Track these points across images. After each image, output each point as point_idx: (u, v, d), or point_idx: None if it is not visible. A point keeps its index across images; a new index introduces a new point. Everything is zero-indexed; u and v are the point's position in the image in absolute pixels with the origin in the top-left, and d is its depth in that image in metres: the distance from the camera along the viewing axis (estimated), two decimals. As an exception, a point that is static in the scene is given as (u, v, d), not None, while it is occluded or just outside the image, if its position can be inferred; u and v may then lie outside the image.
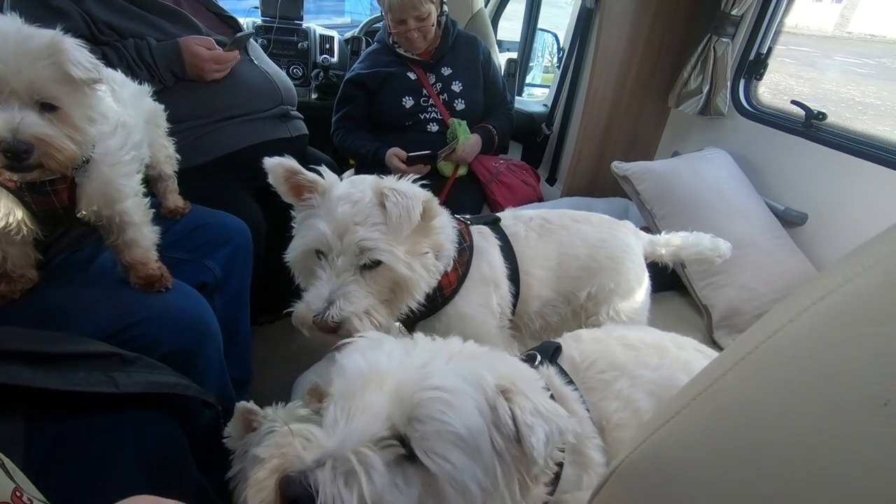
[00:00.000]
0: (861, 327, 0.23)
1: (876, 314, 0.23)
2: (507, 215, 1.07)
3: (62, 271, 1.03)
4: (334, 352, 0.70)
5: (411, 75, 1.99)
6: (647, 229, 1.22)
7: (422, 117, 1.99)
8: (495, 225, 1.03)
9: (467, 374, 0.50)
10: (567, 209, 1.11)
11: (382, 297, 0.84)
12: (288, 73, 2.34)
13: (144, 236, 0.99)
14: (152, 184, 1.27)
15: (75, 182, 0.87)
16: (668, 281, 1.60)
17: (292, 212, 0.96)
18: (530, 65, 2.99)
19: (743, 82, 1.80)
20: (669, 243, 1.15)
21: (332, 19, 3.20)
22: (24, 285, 0.94)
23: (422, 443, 0.46)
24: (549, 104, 2.41)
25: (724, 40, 1.71)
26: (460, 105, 2.01)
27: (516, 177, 2.06)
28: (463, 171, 2.02)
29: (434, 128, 2.00)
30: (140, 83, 1.23)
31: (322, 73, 2.43)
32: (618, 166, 1.65)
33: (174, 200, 1.31)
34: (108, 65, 1.33)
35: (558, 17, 2.79)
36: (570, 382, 0.74)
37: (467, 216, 1.04)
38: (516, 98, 2.58)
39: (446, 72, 2.02)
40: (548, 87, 2.84)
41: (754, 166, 1.71)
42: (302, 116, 1.84)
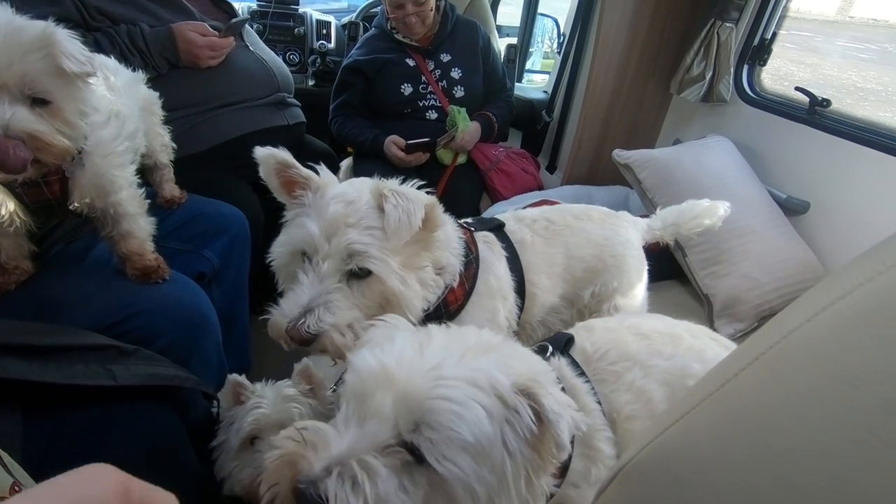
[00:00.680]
0: (885, 328, 0.22)
1: (900, 315, 0.22)
2: (509, 218, 1.02)
3: (58, 262, 1.02)
4: None
5: (410, 62, 1.96)
6: (647, 217, 1.20)
7: (420, 105, 1.96)
8: (500, 231, 0.97)
9: (479, 377, 0.50)
10: (567, 204, 1.10)
11: (369, 313, 0.73)
12: (284, 60, 2.31)
13: (140, 227, 0.98)
14: (148, 173, 1.25)
15: (66, 174, 0.85)
16: (668, 270, 1.59)
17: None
18: (530, 50, 2.95)
19: (746, 68, 1.77)
20: (666, 221, 1.13)
21: (329, 4, 3.14)
22: (19, 277, 0.93)
23: (432, 449, 0.47)
24: (550, 91, 2.38)
25: (727, 25, 1.68)
26: (459, 92, 1.99)
27: (516, 165, 2.04)
28: (462, 159, 2.00)
29: (433, 115, 1.98)
30: (134, 70, 1.20)
31: (319, 60, 2.40)
32: (619, 154, 1.63)
33: (170, 190, 1.29)
34: (101, 52, 1.30)
35: (558, 2, 2.74)
36: (582, 374, 0.73)
37: (470, 221, 0.99)
38: (516, 84, 2.55)
39: (445, 58, 1.99)
40: (548, 73, 2.80)
41: (756, 154, 1.69)
42: (299, 104, 1.82)
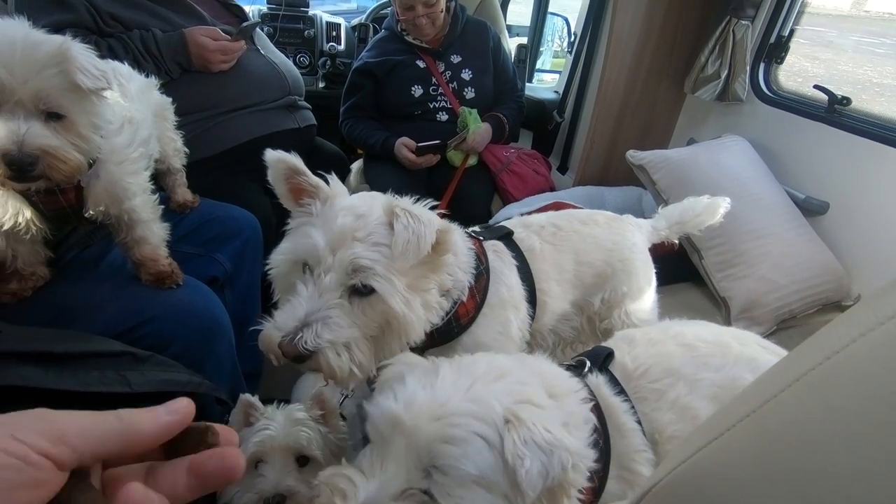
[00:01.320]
0: (942, 354, 0.21)
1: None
2: (516, 225, 1.00)
3: (73, 268, 1.02)
4: None
5: (420, 63, 1.95)
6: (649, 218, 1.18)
7: (431, 106, 1.96)
8: (508, 239, 0.95)
9: (482, 411, 0.53)
10: (572, 210, 1.08)
11: (368, 333, 0.69)
12: (294, 62, 2.31)
13: (153, 233, 0.98)
14: (161, 178, 1.26)
15: (81, 183, 0.85)
16: (684, 272, 1.56)
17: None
18: (541, 50, 2.93)
19: (763, 66, 1.74)
20: (670, 220, 1.11)
21: (339, 5, 3.15)
22: (36, 283, 0.94)
23: (442, 490, 0.51)
24: (561, 91, 2.36)
25: (743, 23, 1.65)
26: (470, 93, 1.98)
27: (527, 166, 2.02)
28: (473, 160, 1.99)
29: (443, 117, 1.97)
30: (146, 76, 1.21)
31: (329, 62, 2.40)
32: (633, 155, 1.61)
33: (183, 194, 1.30)
34: (115, 57, 1.31)
35: (569, 0, 2.72)
36: (620, 392, 0.71)
37: (478, 230, 0.97)
38: (527, 84, 2.53)
39: (455, 59, 1.98)
40: (558, 72, 2.78)
41: (774, 154, 1.66)
42: (309, 106, 1.82)
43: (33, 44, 0.72)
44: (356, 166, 2.11)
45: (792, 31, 1.67)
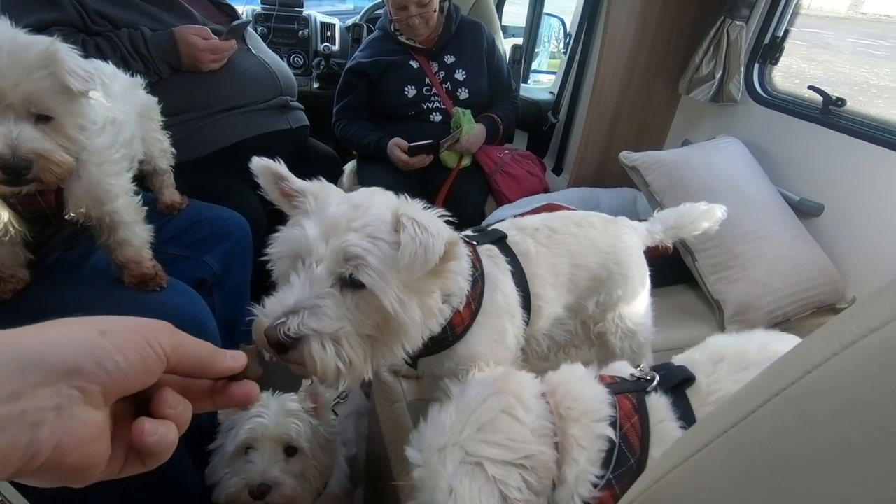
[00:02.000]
0: (925, 371, 0.20)
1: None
2: (510, 227, 0.97)
3: (55, 270, 1.01)
4: None
5: (413, 64, 1.94)
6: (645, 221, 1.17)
7: (424, 107, 1.94)
8: (502, 243, 0.92)
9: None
10: (567, 211, 1.06)
11: (362, 331, 0.65)
12: (288, 63, 2.30)
13: (136, 235, 0.96)
14: (148, 179, 1.24)
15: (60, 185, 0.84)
16: (678, 274, 1.55)
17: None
18: (536, 50, 2.92)
19: (757, 67, 1.73)
20: (666, 224, 1.10)
21: (334, 6, 3.13)
22: (15, 285, 0.92)
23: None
24: (556, 91, 2.35)
25: (737, 23, 1.64)
26: (464, 94, 1.96)
27: (522, 167, 2.00)
28: (467, 161, 1.97)
29: (437, 117, 1.95)
30: (134, 75, 1.19)
31: (323, 62, 2.38)
32: (626, 156, 1.60)
33: (171, 195, 1.28)
34: (102, 56, 1.30)
35: (565, 1, 2.71)
36: (684, 417, 0.68)
37: (471, 233, 0.94)
38: (522, 85, 2.52)
39: (449, 60, 1.96)
40: (554, 73, 2.76)
41: (768, 155, 1.64)
42: (302, 107, 1.80)
43: (21, 46, 0.72)
44: (349, 167, 2.09)
45: (787, 32, 1.66)
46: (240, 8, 2.26)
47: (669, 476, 0.30)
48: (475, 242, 0.90)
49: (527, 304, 0.90)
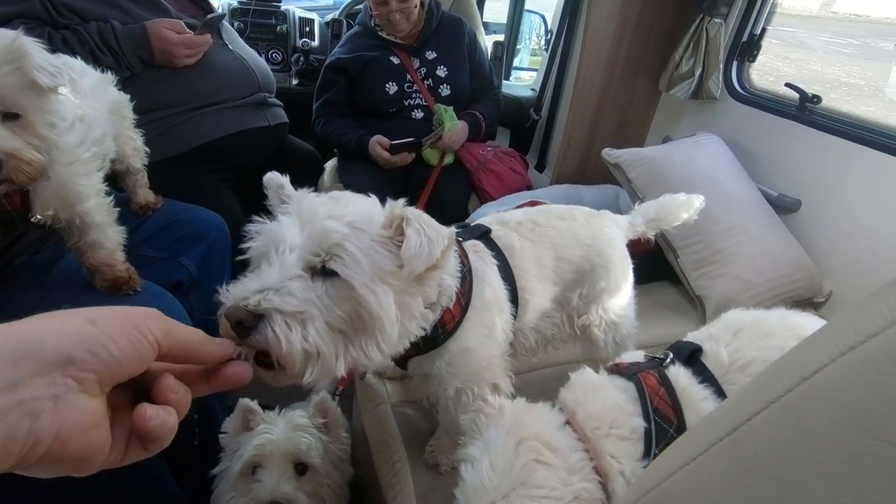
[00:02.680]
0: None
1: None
2: (493, 222, 0.97)
3: (22, 275, 0.96)
4: None
5: (394, 60, 1.91)
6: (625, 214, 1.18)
7: (406, 104, 1.92)
8: (487, 238, 0.92)
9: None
10: (550, 205, 1.06)
11: (333, 323, 0.60)
12: (267, 59, 2.26)
13: (108, 237, 0.93)
14: (120, 178, 1.20)
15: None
16: (660, 270, 1.56)
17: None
18: (518, 47, 2.91)
19: (736, 64, 1.75)
20: (647, 217, 1.11)
21: (313, 1, 3.08)
22: (-21, 291, 0.88)
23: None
24: (537, 88, 2.34)
25: (716, 21, 1.66)
26: (445, 90, 1.95)
27: (504, 164, 2.00)
28: (449, 159, 1.96)
29: (419, 114, 1.93)
30: (104, 71, 1.15)
31: (302, 58, 2.34)
32: (609, 153, 1.60)
33: (145, 195, 1.24)
34: (69, 51, 1.25)
35: (546, -2, 2.71)
36: (706, 381, 0.70)
37: (455, 229, 0.88)
38: (504, 82, 2.51)
39: (431, 56, 1.94)
40: (535, 70, 2.76)
41: (747, 151, 1.67)
42: (281, 104, 1.77)
43: None
44: (330, 165, 2.06)
45: (764, 30, 1.68)
46: (215, 2, 2.21)
47: (664, 485, 0.29)
48: (461, 238, 0.89)
49: (514, 298, 0.90)
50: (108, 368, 0.32)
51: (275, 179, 0.73)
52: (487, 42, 2.52)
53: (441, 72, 1.94)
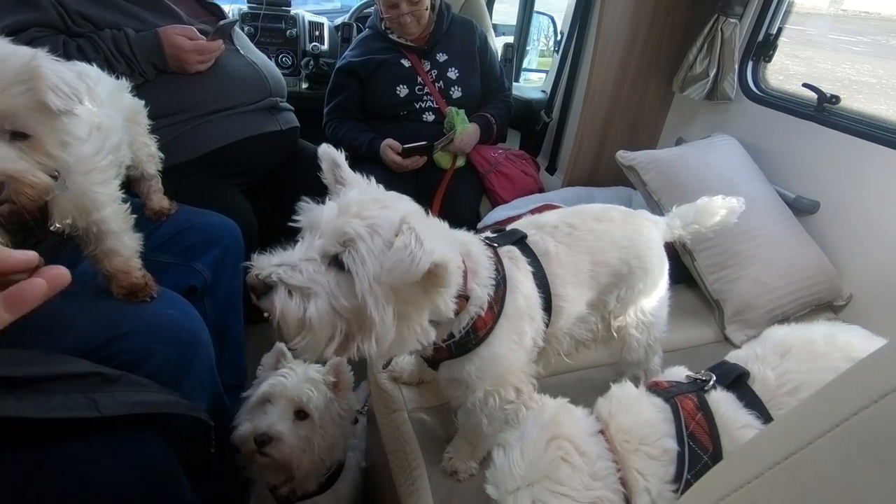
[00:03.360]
0: None
1: None
2: (528, 226, 0.96)
3: (39, 283, 0.96)
4: None
5: (405, 62, 1.91)
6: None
7: (417, 106, 1.92)
8: (522, 243, 0.92)
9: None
10: (586, 206, 1.04)
11: (339, 310, 0.66)
12: (276, 63, 2.26)
13: (125, 245, 0.93)
14: (135, 184, 1.20)
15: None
16: (677, 274, 1.53)
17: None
18: (527, 49, 2.90)
19: (751, 65, 1.73)
20: (686, 220, 1.09)
21: (322, 5, 3.09)
22: (-2, 299, 0.88)
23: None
24: (548, 90, 2.33)
25: (731, 21, 1.64)
26: (457, 93, 1.94)
27: (516, 167, 1.99)
28: (461, 162, 1.95)
29: (430, 117, 1.93)
30: (118, 77, 1.15)
31: (312, 62, 2.34)
32: (623, 156, 1.59)
33: (159, 201, 1.24)
34: (84, 58, 1.25)
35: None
36: (751, 406, 0.69)
37: (492, 235, 0.94)
38: (514, 84, 2.50)
39: (441, 58, 1.94)
40: (545, 71, 2.75)
41: (763, 153, 1.64)
42: (292, 108, 1.77)
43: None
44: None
45: (780, 30, 1.66)
46: (226, 7, 2.22)
47: (713, 509, 0.28)
48: (496, 244, 0.89)
49: (547, 305, 0.90)
50: None
51: (329, 153, 0.77)
52: (497, 44, 2.52)
53: (452, 74, 1.93)
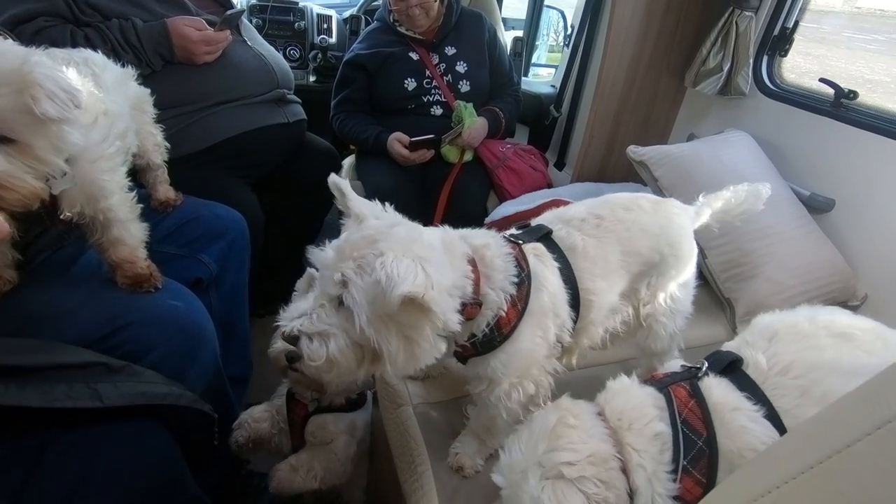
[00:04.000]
0: None
1: None
2: (554, 220, 0.96)
3: (43, 272, 0.96)
4: None
5: (413, 55, 1.89)
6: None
7: (425, 100, 1.90)
8: (548, 239, 0.92)
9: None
10: (613, 195, 1.03)
11: (358, 341, 0.73)
12: (284, 55, 2.25)
13: (131, 234, 0.92)
14: (141, 174, 1.20)
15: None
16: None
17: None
18: (536, 43, 2.88)
19: (766, 59, 1.69)
20: (714, 208, 1.09)
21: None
22: (2, 287, 0.88)
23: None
24: (557, 85, 2.30)
25: (746, 14, 1.60)
26: (465, 87, 1.92)
27: (524, 162, 1.97)
28: (469, 156, 1.93)
29: (438, 111, 1.91)
30: (124, 66, 1.14)
31: (320, 55, 2.33)
32: (634, 151, 1.56)
33: (165, 192, 1.23)
34: (91, 48, 1.24)
35: (564, -7, 2.67)
36: (745, 391, 0.70)
37: (517, 232, 0.94)
38: (523, 79, 2.47)
39: (450, 51, 1.92)
40: (554, 66, 2.72)
41: (778, 149, 1.61)
42: (299, 100, 1.76)
43: None
44: (348, 162, 2.05)
45: (796, 23, 1.63)
46: (235, 0, 2.21)
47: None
48: (521, 241, 0.89)
49: (575, 301, 0.90)
50: None
51: (337, 184, 0.82)
52: (507, 38, 2.49)
53: (460, 68, 1.91)
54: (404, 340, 0.72)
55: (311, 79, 2.37)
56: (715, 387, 0.71)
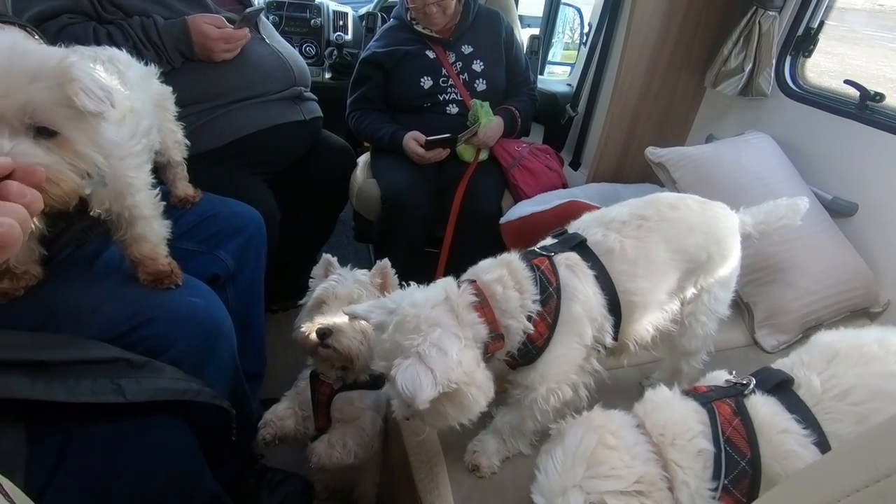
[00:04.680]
0: None
1: None
2: (592, 224, 0.96)
3: (67, 267, 0.97)
4: None
5: (430, 54, 1.88)
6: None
7: (441, 98, 1.89)
8: (583, 247, 0.92)
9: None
10: (656, 194, 1.02)
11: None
12: (300, 52, 2.25)
13: (154, 231, 0.93)
14: (160, 171, 1.21)
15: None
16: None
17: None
18: (552, 41, 2.85)
19: (789, 60, 1.66)
20: (756, 219, 1.08)
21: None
22: (28, 282, 0.89)
23: None
24: (573, 83, 2.28)
25: (770, 13, 1.57)
26: (481, 85, 1.91)
27: (540, 161, 1.95)
28: (484, 155, 1.92)
29: (454, 110, 1.90)
30: (146, 64, 1.15)
31: (336, 52, 2.33)
32: (652, 152, 1.54)
33: (184, 189, 1.25)
34: (113, 45, 1.26)
35: (581, -9, 2.65)
36: (795, 412, 0.67)
37: (549, 244, 0.95)
38: (539, 77, 2.46)
39: (467, 50, 1.91)
40: (570, 64, 2.70)
41: (799, 152, 1.58)
42: (316, 98, 1.76)
43: (20, 53, 0.63)
44: (363, 160, 2.05)
45: (821, 23, 1.59)
46: (252, -4, 2.22)
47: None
48: (552, 253, 0.90)
49: (614, 306, 0.90)
50: None
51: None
52: (523, 36, 2.48)
53: (477, 66, 1.90)
54: (453, 407, 0.78)
55: (327, 76, 2.37)
56: (762, 406, 0.69)
